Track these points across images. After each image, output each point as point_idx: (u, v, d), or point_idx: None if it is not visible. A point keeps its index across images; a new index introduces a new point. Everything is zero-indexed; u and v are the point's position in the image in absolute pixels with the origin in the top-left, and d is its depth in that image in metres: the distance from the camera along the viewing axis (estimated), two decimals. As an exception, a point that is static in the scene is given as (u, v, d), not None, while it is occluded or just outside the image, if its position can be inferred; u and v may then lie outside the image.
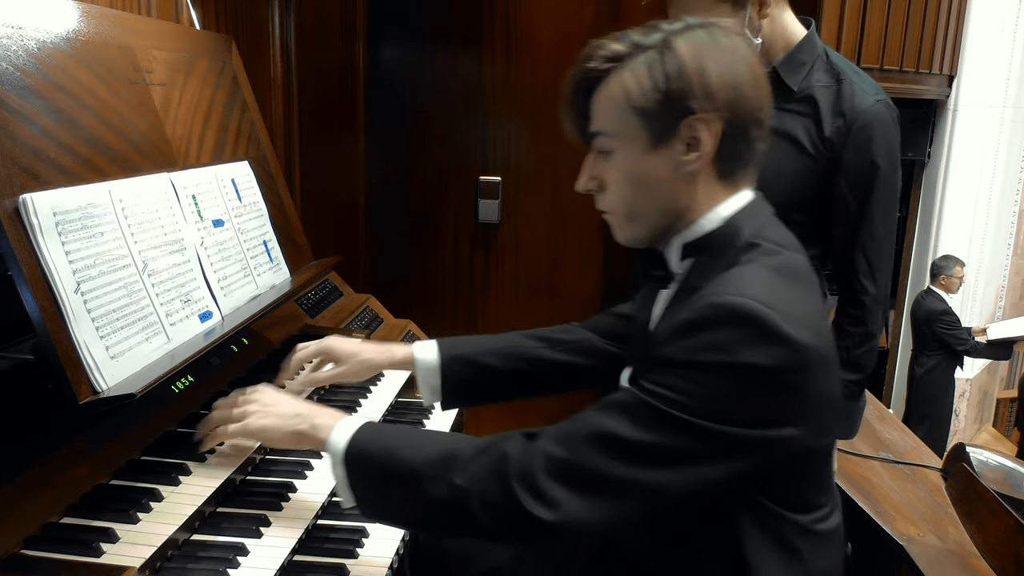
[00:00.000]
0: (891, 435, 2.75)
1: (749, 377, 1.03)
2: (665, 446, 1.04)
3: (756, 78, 1.15)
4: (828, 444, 1.16)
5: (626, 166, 1.18)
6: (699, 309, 1.06)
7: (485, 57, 3.17)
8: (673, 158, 1.15)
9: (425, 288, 3.39)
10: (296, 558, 1.24)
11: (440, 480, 1.09)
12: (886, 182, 1.87)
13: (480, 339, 1.57)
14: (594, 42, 1.19)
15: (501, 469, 1.07)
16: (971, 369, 6.56)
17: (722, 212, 1.18)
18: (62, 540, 1.09)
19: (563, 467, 1.06)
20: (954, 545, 2.04)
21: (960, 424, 6.61)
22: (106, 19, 1.54)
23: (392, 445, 1.15)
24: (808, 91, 1.84)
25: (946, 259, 5.89)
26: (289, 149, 2.70)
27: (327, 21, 2.94)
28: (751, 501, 1.12)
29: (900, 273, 6.81)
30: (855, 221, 1.85)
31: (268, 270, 1.86)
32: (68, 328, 1.19)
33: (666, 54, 1.12)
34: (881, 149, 1.86)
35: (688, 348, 1.05)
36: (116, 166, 1.43)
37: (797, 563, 1.15)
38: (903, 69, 5.36)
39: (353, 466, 1.16)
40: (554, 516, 1.04)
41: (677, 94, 1.11)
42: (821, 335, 1.09)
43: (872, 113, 1.84)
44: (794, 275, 1.13)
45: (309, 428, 1.23)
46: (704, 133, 1.13)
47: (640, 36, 1.16)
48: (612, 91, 1.16)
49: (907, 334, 6.39)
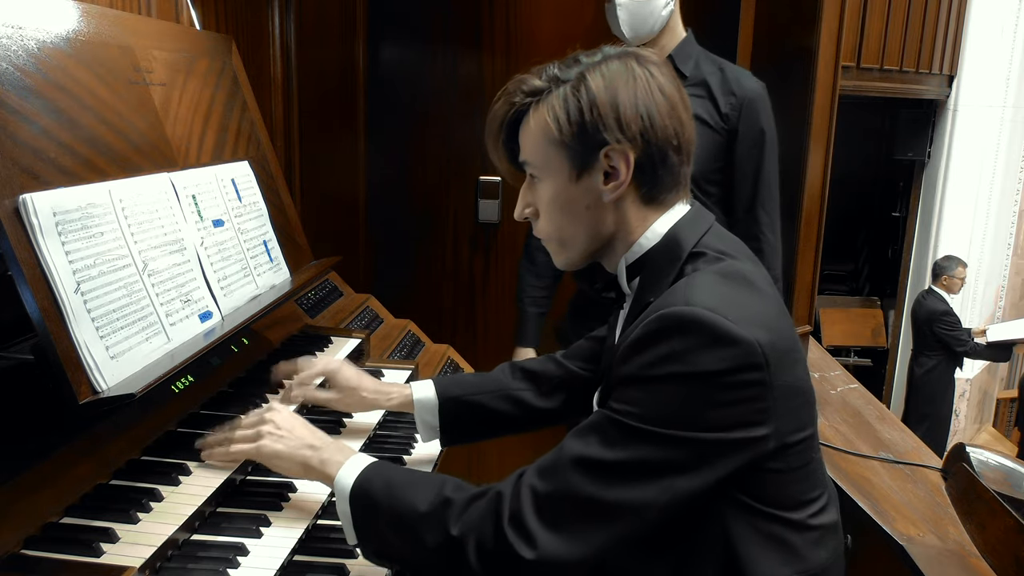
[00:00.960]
0: (891, 435, 2.75)
1: (707, 382, 1.05)
2: (640, 460, 1.06)
3: (672, 105, 1.19)
4: (807, 438, 1.16)
5: (553, 195, 1.23)
6: (649, 323, 1.09)
7: (485, 57, 3.17)
8: (595, 187, 1.20)
9: (425, 288, 3.39)
10: (296, 558, 1.24)
11: (437, 528, 1.11)
12: (771, 146, 2.28)
13: (473, 380, 1.62)
14: (517, 77, 1.25)
15: (496, 511, 1.09)
16: (971, 369, 6.56)
17: (658, 229, 1.23)
18: (62, 540, 1.09)
19: (545, 501, 1.07)
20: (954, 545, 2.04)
21: (960, 424, 6.61)
22: (106, 19, 1.54)
23: (396, 489, 1.16)
24: (699, 77, 2.26)
25: (949, 259, 5.89)
26: (289, 149, 2.70)
27: (327, 21, 2.94)
28: (739, 503, 1.13)
29: (900, 273, 6.81)
30: (753, 181, 2.26)
31: (268, 270, 1.86)
32: (68, 328, 1.19)
33: (580, 88, 1.18)
34: (766, 119, 2.26)
35: (644, 363, 1.07)
36: (116, 166, 1.43)
37: (795, 559, 1.15)
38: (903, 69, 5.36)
39: (358, 505, 1.17)
40: (532, 555, 1.05)
41: (591, 127, 1.17)
42: (776, 330, 1.11)
43: (756, 91, 2.26)
44: (739, 277, 1.16)
45: (318, 463, 1.24)
46: (620, 163, 1.18)
47: (559, 70, 1.21)
48: (533, 126, 1.22)
49: (907, 334, 6.40)
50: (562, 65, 1.22)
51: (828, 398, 2.96)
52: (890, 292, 7.18)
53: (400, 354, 2.21)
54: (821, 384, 3.06)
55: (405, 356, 2.21)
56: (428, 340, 2.41)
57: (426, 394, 1.57)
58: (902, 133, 6.44)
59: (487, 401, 1.57)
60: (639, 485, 1.06)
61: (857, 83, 5.02)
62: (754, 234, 2.27)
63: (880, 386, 6.82)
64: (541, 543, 1.05)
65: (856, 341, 6.97)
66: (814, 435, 1.19)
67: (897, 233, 7.07)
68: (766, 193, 2.28)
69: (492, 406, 1.57)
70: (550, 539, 1.05)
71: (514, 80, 1.25)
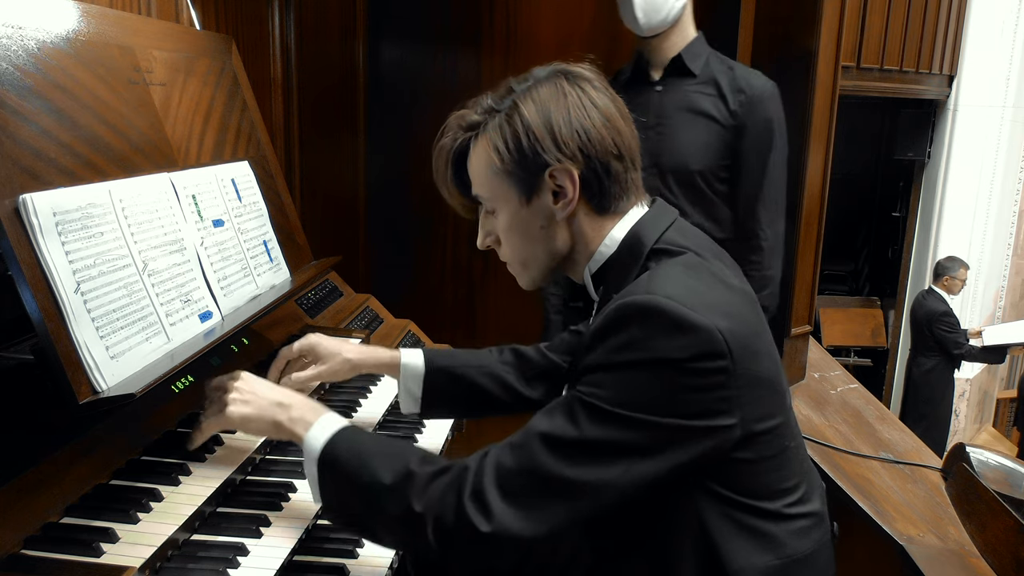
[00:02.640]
0: (891, 435, 2.75)
1: (669, 368, 1.06)
2: (603, 440, 1.07)
3: (607, 117, 1.22)
4: (776, 427, 1.16)
5: (508, 222, 1.27)
6: (609, 313, 1.11)
7: (485, 57, 3.16)
8: (546, 207, 1.23)
9: (425, 288, 3.39)
10: (296, 558, 1.24)
11: (400, 501, 1.11)
12: (780, 144, 2.29)
13: (463, 353, 1.63)
14: (455, 113, 1.29)
15: (459, 486, 1.09)
16: (971, 369, 6.57)
17: (616, 235, 1.25)
18: (62, 540, 1.09)
19: (507, 475, 1.08)
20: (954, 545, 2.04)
21: (960, 424, 6.61)
22: (106, 19, 1.54)
23: (364, 457, 1.16)
24: (709, 75, 2.27)
25: (951, 260, 5.89)
26: (289, 149, 2.70)
27: (327, 21, 2.94)
28: (712, 493, 1.14)
29: (900, 273, 6.81)
30: (758, 178, 2.27)
31: (268, 270, 1.86)
32: (68, 328, 1.19)
33: (514, 116, 1.21)
34: (775, 117, 2.27)
35: (607, 350, 1.09)
36: (116, 166, 1.43)
37: (772, 548, 1.16)
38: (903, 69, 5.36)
39: (323, 470, 1.18)
40: (488, 527, 1.06)
41: (530, 151, 1.20)
42: (738, 318, 1.12)
43: (766, 88, 2.27)
44: (702, 268, 1.19)
45: (288, 421, 1.24)
46: (566, 181, 1.21)
47: (493, 101, 1.25)
48: (477, 159, 1.26)
49: (907, 334, 6.40)
50: (495, 96, 1.25)
51: (828, 398, 2.96)
52: (890, 292, 7.19)
53: (400, 354, 2.21)
54: (821, 384, 3.06)
55: (405, 356, 2.21)
56: (428, 340, 2.41)
57: (414, 360, 1.58)
58: (902, 133, 6.44)
59: (472, 375, 1.58)
60: (600, 465, 1.07)
61: (857, 83, 5.02)
62: (752, 231, 2.29)
63: (880, 386, 6.82)
64: (498, 516, 1.06)
65: (856, 341, 6.97)
66: (785, 424, 1.20)
67: (897, 233, 7.07)
68: (769, 191, 2.28)
69: (477, 381, 1.58)
70: (508, 513, 1.07)
71: (453, 116, 1.30)
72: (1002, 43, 6.10)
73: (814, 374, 3.09)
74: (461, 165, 1.30)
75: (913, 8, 5.22)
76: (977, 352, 5.99)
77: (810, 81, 2.64)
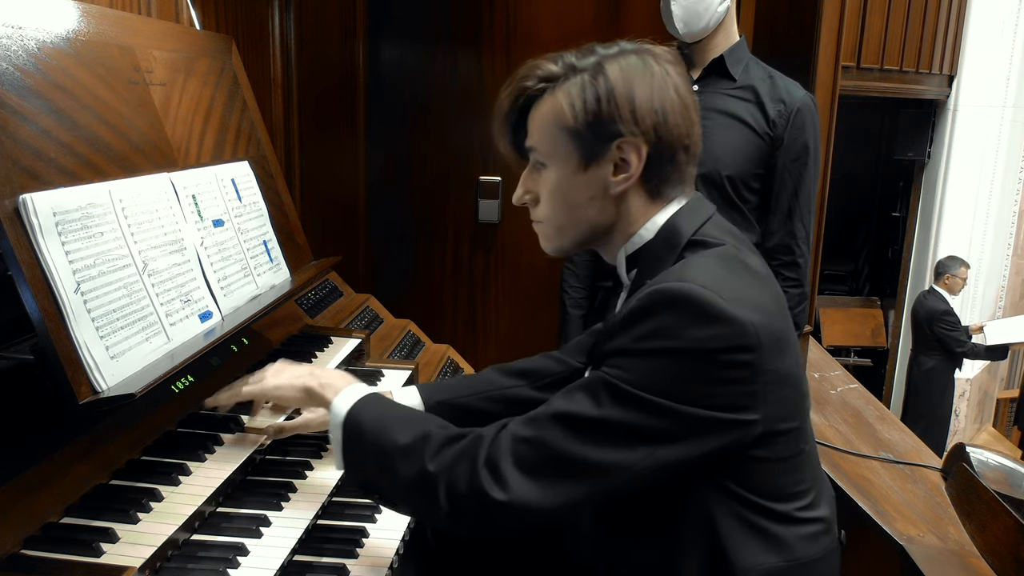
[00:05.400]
0: (891, 435, 2.75)
1: (698, 358, 1.06)
2: (624, 422, 1.07)
3: (685, 106, 1.20)
4: (795, 428, 1.16)
5: (558, 182, 1.24)
6: (643, 298, 1.10)
7: (485, 57, 3.17)
8: (602, 178, 1.21)
9: (425, 288, 3.39)
10: (296, 558, 1.24)
11: (415, 461, 1.12)
12: (815, 160, 2.26)
13: (461, 382, 1.59)
14: (531, 62, 1.25)
15: (474, 453, 1.10)
16: (971, 369, 6.57)
17: (659, 221, 1.24)
18: (62, 540, 1.09)
19: (525, 448, 1.09)
20: (954, 545, 2.04)
21: (960, 424, 6.61)
22: (106, 19, 1.54)
23: (386, 422, 1.19)
24: (748, 82, 2.24)
25: (952, 259, 5.90)
26: (289, 149, 2.70)
27: (327, 20, 2.94)
28: (724, 490, 1.13)
29: (900, 273, 6.81)
30: (793, 193, 2.24)
31: (268, 270, 1.86)
32: (68, 328, 1.19)
33: (598, 78, 1.18)
34: (811, 133, 2.24)
35: (636, 336, 1.08)
36: (116, 166, 1.43)
37: (779, 550, 1.15)
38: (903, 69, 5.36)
39: (347, 433, 1.20)
40: (504, 496, 1.06)
41: (607, 116, 1.17)
42: (770, 315, 1.11)
43: (805, 102, 2.24)
44: (737, 261, 1.17)
45: (318, 387, 1.30)
46: (632, 155, 1.18)
47: (576, 59, 1.21)
48: (546, 111, 1.22)
49: (907, 334, 6.40)
50: (578, 54, 1.22)
51: (828, 398, 2.96)
52: (890, 292, 7.19)
53: (400, 354, 2.21)
54: (821, 384, 3.06)
55: (405, 356, 2.21)
56: (428, 340, 2.41)
57: (408, 400, 1.50)
58: (902, 133, 6.44)
59: (477, 403, 1.52)
60: (619, 446, 1.07)
61: (857, 83, 5.02)
62: (789, 246, 2.26)
63: (880, 386, 6.82)
64: (513, 486, 1.07)
65: (856, 341, 6.97)
66: (804, 427, 1.19)
67: (897, 233, 7.07)
68: (805, 207, 2.26)
69: (483, 408, 1.53)
70: (524, 484, 1.07)
71: (527, 65, 1.24)
72: (1002, 43, 6.10)
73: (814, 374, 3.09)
74: (523, 115, 1.26)
75: (913, 8, 5.22)
76: (980, 350, 6.00)
77: (810, 81, 2.64)
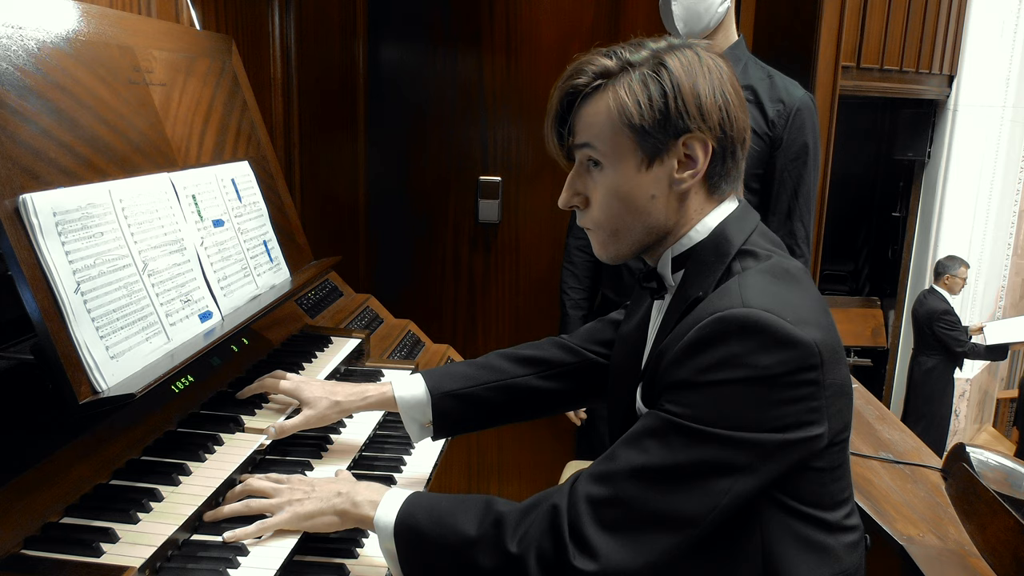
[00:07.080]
0: (891, 435, 2.75)
1: (768, 384, 1.03)
2: (700, 462, 1.04)
3: (741, 100, 1.18)
4: (848, 437, 1.16)
5: (616, 183, 1.18)
6: (707, 325, 1.06)
7: (485, 57, 3.17)
8: (666, 176, 1.16)
9: (425, 288, 3.39)
10: (296, 558, 1.24)
11: (494, 548, 1.08)
12: (814, 160, 2.26)
13: (468, 370, 1.53)
14: (582, 57, 1.19)
15: (555, 524, 1.06)
16: (971, 369, 6.57)
17: (709, 223, 1.20)
18: (62, 540, 1.09)
19: (606, 511, 1.05)
20: (954, 545, 2.03)
21: (960, 424, 6.61)
22: (106, 19, 1.54)
23: (443, 517, 1.13)
24: (747, 82, 2.22)
25: (952, 259, 5.91)
26: (289, 149, 2.70)
27: (327, 21, 2.94)
28: (777, 503, 1.11)
29: (900, 273, 6.81)
30: (792, 193, 2.24)
31: (268, 270, 1.86)
32: (68, 328, 1.19)
33: (660, 72, 1.13)
34: (811, 132, 2.23)
35: (703, 367, 1.05)
36: (116, 166, 1.43)
37: (829, 562, 1.14)
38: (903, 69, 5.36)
39: (404, 540, 1.14)
40: (595, 566, 1.03)
41: (674, 113, 1.13)
42: (825, 328, 1.10)
43: (804, 101, 2.23)
44: (788, 275, 1.15)
45: (352, 506, 1.20)
46: (699, 151, 1.15)
47: (629, 53, 1.16)
48: (603, 107, 1.16)
49: (907, 334, 6.40)
50: (629, 48, 1.17)
51: (828, 398, 2.95)
52: (890, 292, 7.18)
53: (400, 354, 2.21)
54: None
55: (405, 356, 2.21)
56: (428, 340, 2.41)
57: (412, 392, 1.49)
58: (902, 133, 6.45)
59: (485, 394, 1.50)
60: (700, 488, 1.04)
61: (857, 83, 5.02)
62: (789, 246, 2.23)
63: (880, 386, 6.82)
64: (604, 553, 1.03)
65: (856, 341, 6.97)
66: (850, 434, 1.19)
67: (897, 233, 7.07)
68: (804, 207, 2.27)
69: (491, 398, 1.50)
70: (613, 548, 1.03)
71: (578, 62, 1.19)
72: (1002, 43, 6.10)
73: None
74: (577, 112, 1.20)
75: (913, 8, 5.22)
76: (980, 350, 6.00)
77: (810, 81, 2.65)
